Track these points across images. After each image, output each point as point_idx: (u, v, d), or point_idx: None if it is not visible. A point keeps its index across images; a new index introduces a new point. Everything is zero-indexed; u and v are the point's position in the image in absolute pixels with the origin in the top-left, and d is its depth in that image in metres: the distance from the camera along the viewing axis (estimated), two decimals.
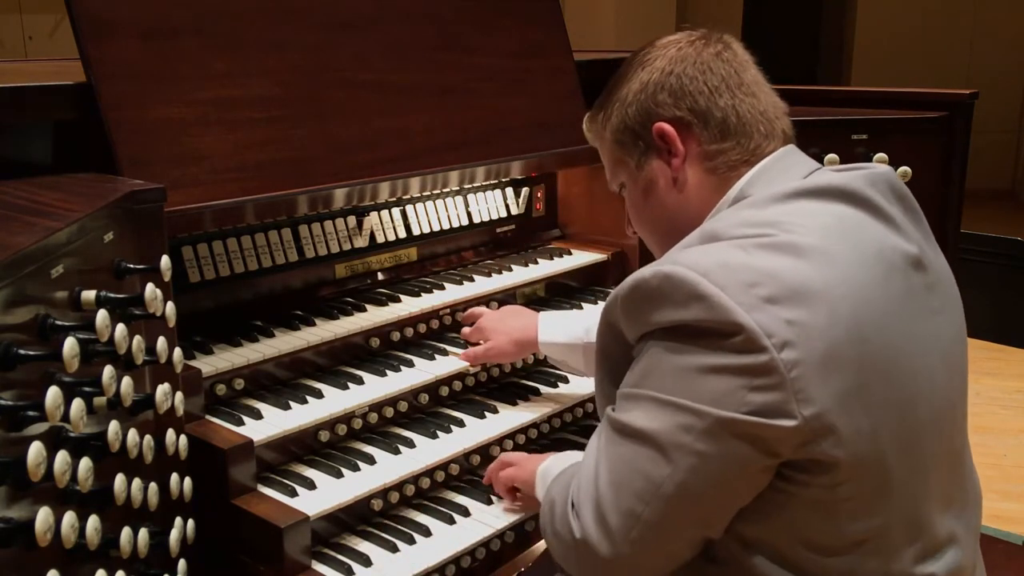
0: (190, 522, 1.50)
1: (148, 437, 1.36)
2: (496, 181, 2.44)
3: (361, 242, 2.16)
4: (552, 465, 1.63)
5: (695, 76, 1.40)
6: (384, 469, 1.74)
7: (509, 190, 2.53)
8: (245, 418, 1.69)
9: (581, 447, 1.45)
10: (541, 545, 1.85)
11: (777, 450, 1.18)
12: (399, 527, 1.72)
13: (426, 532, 1.71)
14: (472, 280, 2.26)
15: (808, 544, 1.24)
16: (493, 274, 2.31)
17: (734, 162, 1.40)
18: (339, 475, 1.70)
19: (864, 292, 1.21)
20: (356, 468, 1.72)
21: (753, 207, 1.32)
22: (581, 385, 2.11)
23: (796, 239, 1.22)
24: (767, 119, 1.41)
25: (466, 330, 2.07)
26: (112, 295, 1.26)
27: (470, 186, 2.38)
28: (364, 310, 2.03)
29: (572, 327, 1.93)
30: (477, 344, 2.02)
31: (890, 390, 1.22)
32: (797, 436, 1.16)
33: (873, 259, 1.25)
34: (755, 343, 1.15)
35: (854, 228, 1.28)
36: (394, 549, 1.67)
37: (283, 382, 1.86)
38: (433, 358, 1.99)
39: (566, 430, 2.09)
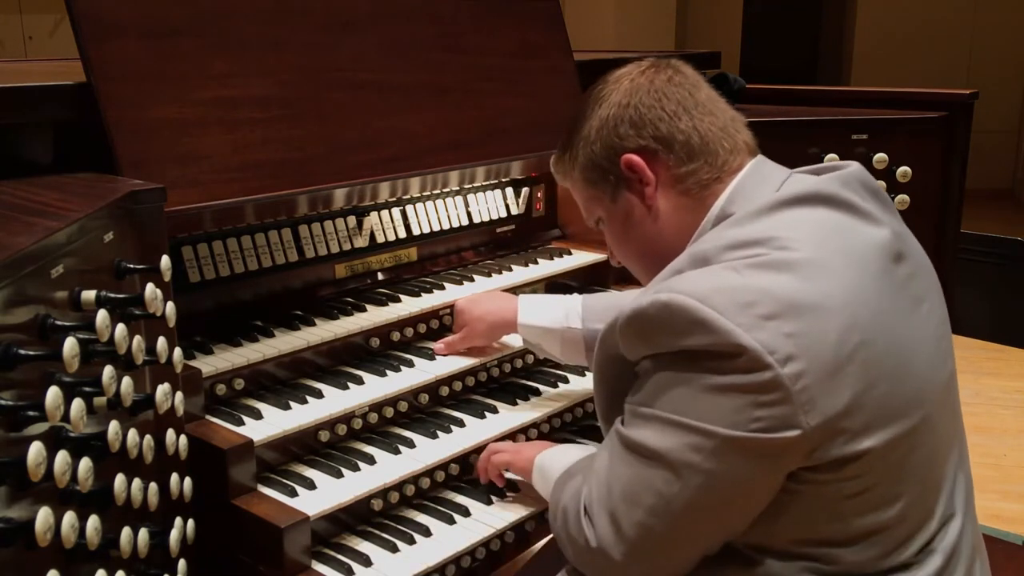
0: (190, 522, 1.50)
1: (148, 437, 1.36)
2: (496, 181, 2.44)
3: (361, 242, 2.16)
4: (551, 461, 1.65)
5: (652, 104, 1.44)
6: (384, 469, 1.74)
7: (509, 190, 2.53)
8: (245, 418, 1.69)
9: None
10: (540, 545, 1.85)
11: (786, 461, 1.21)
12: (399, 527, 1.72)
13: (426, 532, 1.71)
14: (472, 280, 2.26)
15: (817, 540, 1.27)
16: (493, 274, 2.32)
17: (705, 181, 1.42)
18: (339, 475, 1.70)
19: (859, 295, 1.23)
20: (356, 468, 1.72)
21: (737, 225, 1.33)
22: (581, 385, 2.11)
23: (786, 255, 1.24)
24: (728, 134, 1.44)
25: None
26: (112, 295, 1.26)
27: (470, 186, 2.38)
28: (364, 310, 2.03)
29: (552, 311, 1.94)
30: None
31: (896, 386, 1.24)
32: (804, 444, 1.18)
33: (861, 260, 1.27)
34: (758, 361, 1.16)
35: (837, 231, 1.30)
36: (394, 549, 1.67)
37: (283, 382, 1.86)
38: (433, 358, 2.00)
39: (566, 430, 2.09)
